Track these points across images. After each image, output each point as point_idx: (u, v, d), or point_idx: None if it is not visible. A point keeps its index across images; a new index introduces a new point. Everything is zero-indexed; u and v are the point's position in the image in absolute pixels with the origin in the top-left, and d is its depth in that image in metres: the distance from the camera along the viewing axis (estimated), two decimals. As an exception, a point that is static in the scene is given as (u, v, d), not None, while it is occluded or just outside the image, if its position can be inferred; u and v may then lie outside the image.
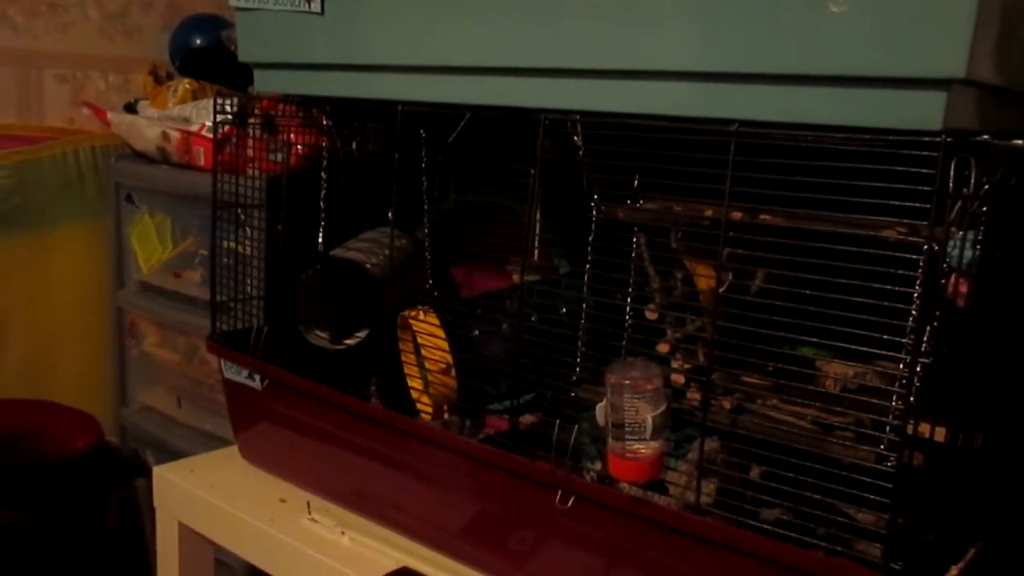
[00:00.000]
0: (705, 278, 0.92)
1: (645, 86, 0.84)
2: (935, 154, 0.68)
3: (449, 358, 1.06)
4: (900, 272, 0.72)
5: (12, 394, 1.81)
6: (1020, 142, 0.70)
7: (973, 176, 0.68)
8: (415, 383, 1.11)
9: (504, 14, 0.92)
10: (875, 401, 0.78)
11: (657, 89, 0.83)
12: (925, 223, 0.70)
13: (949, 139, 0.68)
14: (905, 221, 0.74)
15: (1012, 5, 0.71)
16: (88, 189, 1.87)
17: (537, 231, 0.96)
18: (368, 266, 1.19)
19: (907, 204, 0.70)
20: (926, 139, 0.69)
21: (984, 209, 0.71)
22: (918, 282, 0.72)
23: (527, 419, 1.06)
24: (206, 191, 1.27)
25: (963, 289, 0.72)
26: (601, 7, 0.85)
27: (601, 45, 0.85)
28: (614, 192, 0.93)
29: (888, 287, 0.72)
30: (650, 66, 0.83)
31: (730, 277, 0.84)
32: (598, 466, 0.94)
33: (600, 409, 0.86)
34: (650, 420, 0.82)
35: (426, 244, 1.15)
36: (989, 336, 0.79)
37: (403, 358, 1.13)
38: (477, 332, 1.08)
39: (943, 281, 0.72)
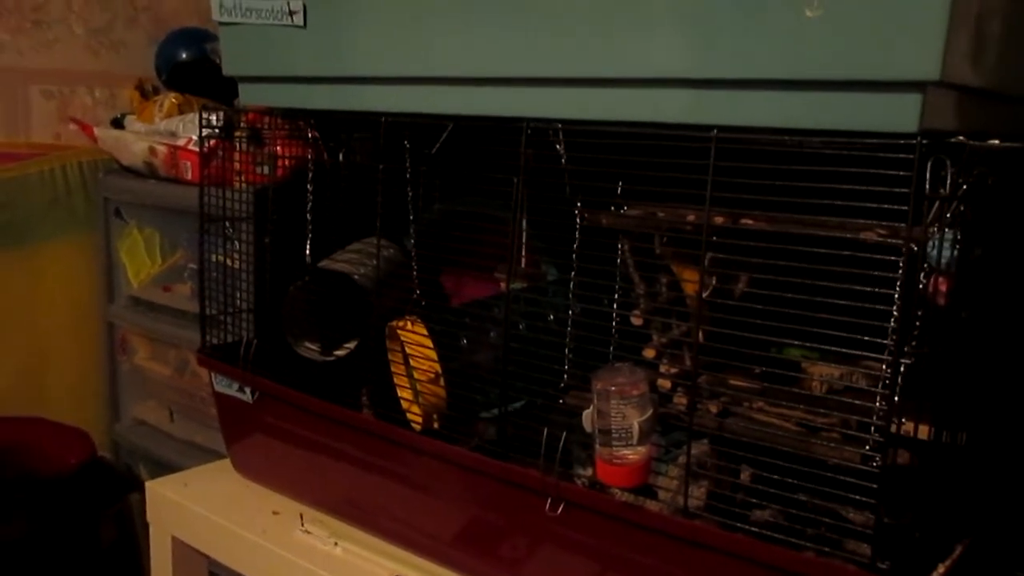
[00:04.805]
0: (691, 283, 0.93)
1: (624, 94, 0.85)
2: (912, 156, 0.69)
3: (438, 367, 1.06)
4: (881, 273, 0.72)
5: (4, 410, 1.81)
6: (995, 142, 0.71)
7: (949, 177, 0.69)
8: (405, 393, 1.11)
9: (485, 25, 0.92)
10: (858, 403, 0.78)
11: (636, 96, 0.84)
12: (904, 224, 0.71)
13: (925, 141, 0.69)
14: (885, 223, 0.75)
15: (986, 6, 0.72)
16: (76, 204, 1.87)
17: (523, 239, 0.97)
18: (356, 277, 1.19)
19: (886, 206, 0.71)
20: (902, 141, 0.69)
21: (962, 209, 0.71)
22: (898, 283, 0.72)
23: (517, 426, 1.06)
24: (194, 204, 1.27)
25: (943, 288, 0.73)
26: (581, 16, 0.85)
27: (581, 54, 0.86)
28: (597, 199, 0.93)
29: (870, 288, 0.72)
30: (629, 74, 0.83)
31: (714, 281, 0.85)
32: (589, 472, 0.95)
33: (587, 415, 0.86)
34: (636, 425, 0.82)
35: (412, 254, 1.16)
36: (970, 334, 0.80)
37: (392, 368, 1.13)
38: (465, 340, 1.09)
39: (924, 281, 0.72)
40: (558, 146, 0.91)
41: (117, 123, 1.82)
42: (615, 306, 0.93)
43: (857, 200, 0.72)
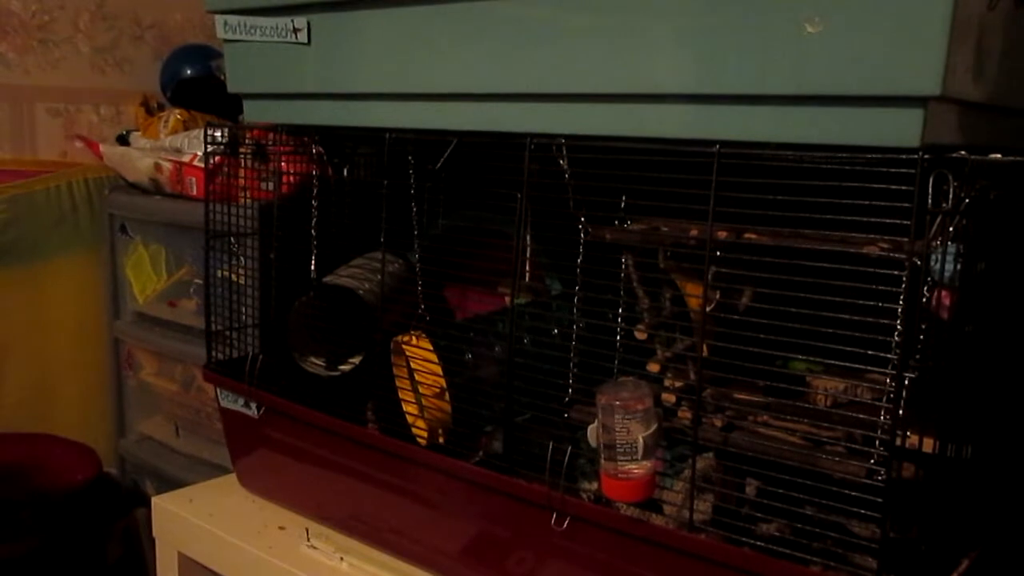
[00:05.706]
0: (695, 297, 0.93)
1: (627, 109, 0.85)
2: (914, 170, 0.69)
3: (443, 382, 1.06)
4: (885, 287, 0.73)
5: (11, 427, 1.81)
6: (997, 156, 0.71)
7: (952, 191, 0.69)
8: (410, 407, 1.12)
9: (488, 41, 0.93)
10: (863, 416, 0.79)
11: (639, 112, 0.84)
12: (907, 239, 0.71)
13: (927, 155, 0.69)
14: (888, 237, 0.75)
15: (987, 21, 0.73)
16: (82, 221, 1.88)
17: (527, 254, 0.97)
18: (361, 292, 1.19)
19: (889, 220, 0.71)
20: (904, 156, 0.70)
21: (964, 223, 0.72)
22: (902, 296, 0.72)
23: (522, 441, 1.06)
24: (199, 220, 1.28)
25: (946, 302, 0.73)
26: (584, 33, 0.86)
27: (585, 70, 0.87)
28: (601, 214, 0.94)
29: (873, 302, 0.72)
30: (632, 90, 0.84)
31: (718, 295, 0.85)
32: (595, 486, 0.95)
33: (592, 430, 0.87)
34: (641, 440, 0.82)
35: (417, 269, 1.16)
36: (974, 347, 0.80)
37: (398, 383, 1.14)
38: (470, 355, 1.09)
39: (927, 295, 0.73)
40: (562, 161, 0.91)
41: (122, 140, 1.83)
42: (619, 320, 0.93)
43: (860, 214, 0.72)
